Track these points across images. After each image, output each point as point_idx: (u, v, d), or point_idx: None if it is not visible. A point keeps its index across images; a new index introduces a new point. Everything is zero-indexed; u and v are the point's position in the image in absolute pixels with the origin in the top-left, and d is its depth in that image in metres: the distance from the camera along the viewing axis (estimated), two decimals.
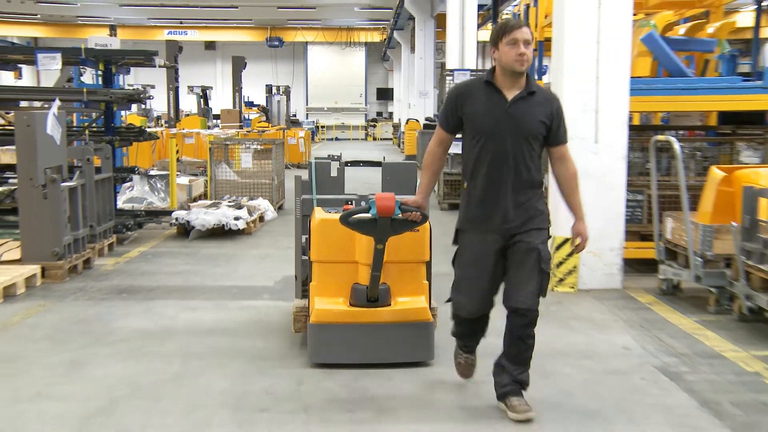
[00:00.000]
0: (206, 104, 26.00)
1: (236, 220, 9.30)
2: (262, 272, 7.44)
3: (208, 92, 26.49)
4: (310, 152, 22.08)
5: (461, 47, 17.65)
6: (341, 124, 43.13)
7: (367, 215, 4.08)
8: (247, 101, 30.02)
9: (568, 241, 6.44)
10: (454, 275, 3.99)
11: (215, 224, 9.20)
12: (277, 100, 27.71)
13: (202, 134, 17.36)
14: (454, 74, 12.59)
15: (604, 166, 6.50)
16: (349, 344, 4.56)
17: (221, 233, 9.31)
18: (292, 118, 30.25)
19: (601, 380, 4.48)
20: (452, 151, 4.12)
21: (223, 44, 41.95)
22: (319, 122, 41.34)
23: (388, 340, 4.57)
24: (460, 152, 4.00)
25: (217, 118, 26.30)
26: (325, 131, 41.87)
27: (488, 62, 29.67)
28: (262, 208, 10.44)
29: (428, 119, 22.53)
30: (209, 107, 26.20)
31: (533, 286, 3.78)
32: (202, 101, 25.97)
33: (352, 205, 4.77)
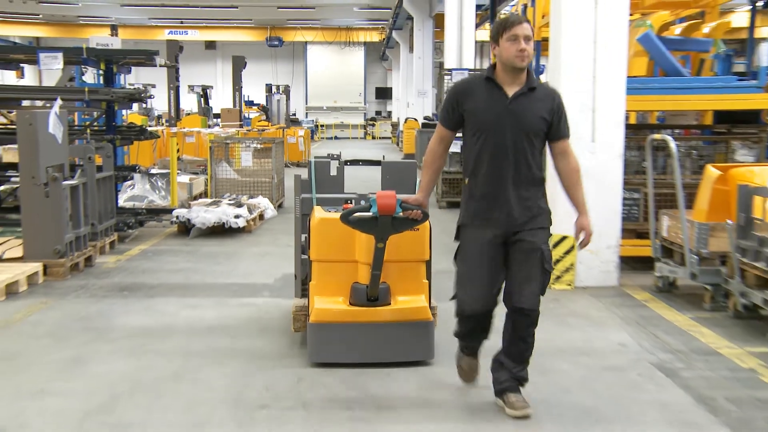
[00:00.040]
0: (207, 103, 26.02)
1: (236, 218, 9.32)
2: (262, 270, 7.45)
3: (208, 91, 26.53)
4: (309, 151, 22.08)
5: (459, 47, 17.67)
6: (340, 123, 43.14)
7: (367, 213, 4.04)
8: (247, 100, 30.00)
9: (565, 238, 6.50)
10: (456, 271, 3.92)
11: (215, 222, 9.22)
12: (276, 99, 27.70)
13: (202, 133, 17.35)
14: (452, 74, 12.65)
15: (601, 164, 6.50)
16: (348, 343, 4.52)
17: (221, 231, 9.33)
18: (291, 117, 30.22)
19: (598, 377, 4.49)
20: (451, 149, 4.11)
21: (223, 44, 41.98)
22: (318, 121, 41.34)
23: (388, 339, 4.53)
24: (458, 151, 3.98)
25: (217, 117, 26.28)
26: (324, 130, 41.88)
27: (486, 62, 29.69)
28: (262, 206, 10.46)
29: (427, 118, 22.55)
30: (210, 106, 26.21)
31: (536, 286, 3.77)
32: (202, 100, 26.00)
33: (351, 204, 4.73)
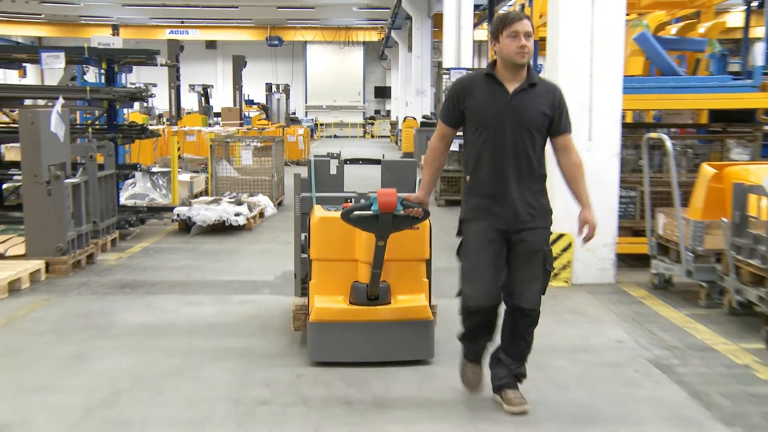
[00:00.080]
0: (207, 102, 26.01)
1: (237, 216, 9.35)
2: (262, 267, 7.47)
3: (209, 90, 26.51)
4: (309, 149, 22.14)
5: (458, 46, 17.72)
6: (340, 121, 43.16)
7: (368, 211, 4.01)
8: (247, 99, 29.97)
9: (562, 236, 6.54)
10: (461, 267, 3.86)
11: (216, 220, 9.25)
12: (276, 98, 27.69)
13: (203, 132, 17.39)
14: (450, 73, 12.69)
15: (597, 163, 6.52)
16: (348, 343, 4.51)
17: (222, 229, 9.36)
18: (291, 116, 30.21)
19: (595, 373, 4.52)
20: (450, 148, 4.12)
21: (223, 43, 41.97)
22: (317, 120, 41.29)
23: (388, 338, 4.51)
24: (456, 149, 4.01)
25: (217, 116, 26.26)
26: (323, 129, 41.87)
27: (484, 61, 29.67)
28: (262, 204, 10.48)
29: (425, 117, 22.61)
30: (210, 105, 26.19)
31: (538, 286, 3.79)
32: (203, 99, 26.00)
33: (351, 202, 4.69)
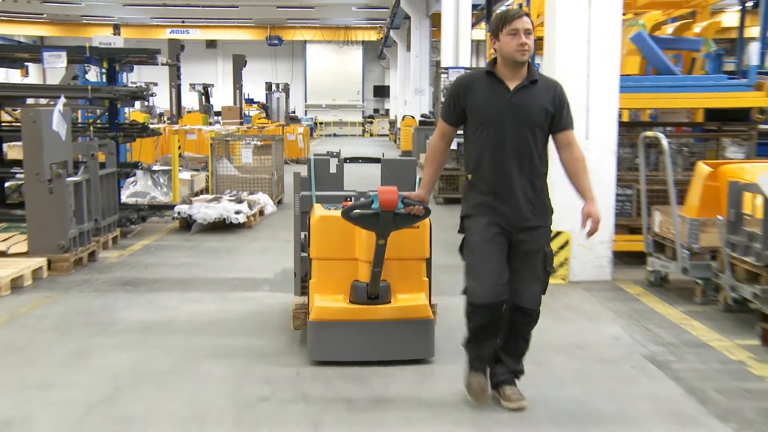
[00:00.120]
0: (207, 101, 26.04)
1: (237, 214, 9.39)
2: (262, 264, 7.50)
3: (209, 89, 26.55)
4: (308, 148, 22.18)
5: (456, 46, 17.77)
6: (339, 120, 43.24)
7: (369, 209, 3.99)
8: (247, 98, 30.01)
9: (559, 234, 6.59)
10: (465, 263, 3.83)
11: (216, 218, 9.29)
12: (276, 97, 27.72)
13: (203, 130, 17.42)
14: (448, 72, 12.72)
15: (594, 161, 6.46)
16: (349, 342, 4.50)
17: (222, 227, 9.40)
18: (291, 114, 30.22)
19: (591, 369, 4.55)
20: None
21: (223, 43, 42.02)
22: (317, 119, 41.32)
23: (388, 337, 4.50)
24: (455, 148, 4.02)
25: (218, 114, 26.30)
26: (323, 127, 41.92)
27: (482, 60, 29.76)
28: (262, 202, 10.52)
29: (424, 116, 22.68)
30: (210, 104, 26.22)
31: (538, 286, 3.81)
32: (203, 98, 26.03)
33: (351, 201, 4.65)
